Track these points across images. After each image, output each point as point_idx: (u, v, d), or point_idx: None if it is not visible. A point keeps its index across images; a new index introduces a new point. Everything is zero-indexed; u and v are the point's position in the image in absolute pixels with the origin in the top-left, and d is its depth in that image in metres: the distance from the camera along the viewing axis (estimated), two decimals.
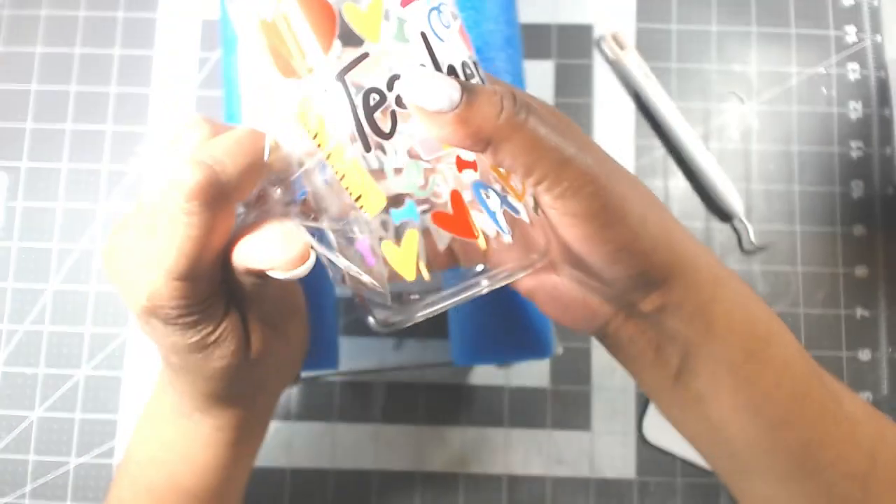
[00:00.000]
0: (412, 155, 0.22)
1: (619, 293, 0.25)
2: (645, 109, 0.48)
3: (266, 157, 0.22)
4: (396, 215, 0.22)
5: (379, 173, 0.22)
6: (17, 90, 0.49)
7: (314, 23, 0.22)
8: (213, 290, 0.23)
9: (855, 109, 0.48)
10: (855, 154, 0.48)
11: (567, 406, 0.45)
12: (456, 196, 0.22)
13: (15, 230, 0.47)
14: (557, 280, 0.26)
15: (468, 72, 0.23)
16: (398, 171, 0.22)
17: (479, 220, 0.23)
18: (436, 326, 0.45)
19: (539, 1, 0.50)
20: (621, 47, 0.48)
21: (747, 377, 0.25)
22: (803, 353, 0.26)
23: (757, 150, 0.48)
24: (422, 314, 0.23)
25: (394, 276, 0.23)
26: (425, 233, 0.23)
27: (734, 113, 0.48)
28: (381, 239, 0.23)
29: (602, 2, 0.50)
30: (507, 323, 0.36)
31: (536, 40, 0.49)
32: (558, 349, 0.39)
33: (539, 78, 0.49)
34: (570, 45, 0.49)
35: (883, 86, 0.48)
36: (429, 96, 0.20)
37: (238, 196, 0.22)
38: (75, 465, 0.45)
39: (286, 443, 0.45)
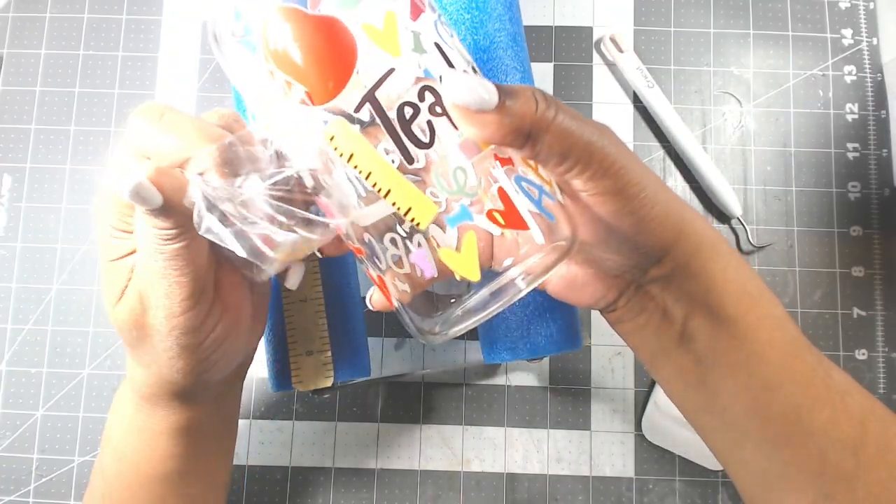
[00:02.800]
0: (454, 160, 0.23)
1: (638, 262, 0.27)
2: (643, 111, 0.49)
3: (199, 162, 0.23)
4: (452, 220, 0.22)
5: (421, 183, 0.22)
6: (22, 92, 0.49)
7: (336, 47, 0.22)
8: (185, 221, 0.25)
9: (851, 111, 0.49)
10: (851, 155, 0.48)
11: (566, 405, 0.46)
12: (503, 192, 0.23)
13: (19, 231, 0.48)
14: (570, 266, 0.28)
15: (478, 75, 0.23)
16: (444, 177, 0.22)
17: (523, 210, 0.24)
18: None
19: (539, 3, 0.50)
20: (620, 49, 0.48)
21: (742, 334, 0.26)
22: (791, 318, 0.28)
23: (754, 152, 0.48)
24: (466, 324, 0.24)
25: (417, 287, 0.24)
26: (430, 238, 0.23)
27: (732, 115, 0.49)
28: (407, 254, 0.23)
29: (601, 4, 0.50)
30: (535, 317, 0.37)
31: (536, 42, 0.49)
32: (587, 339, 0.39)
33: (539, 80, 0.49)
34: (569, 48, 0.50)
35: (879, 88, 0.49)
36: (473, 98, 0.21)
37: (153, 159, 0.24)
38: (79, 463, 0.45)
39: (287, 441, 0.45)
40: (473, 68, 0.24)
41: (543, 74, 0.49)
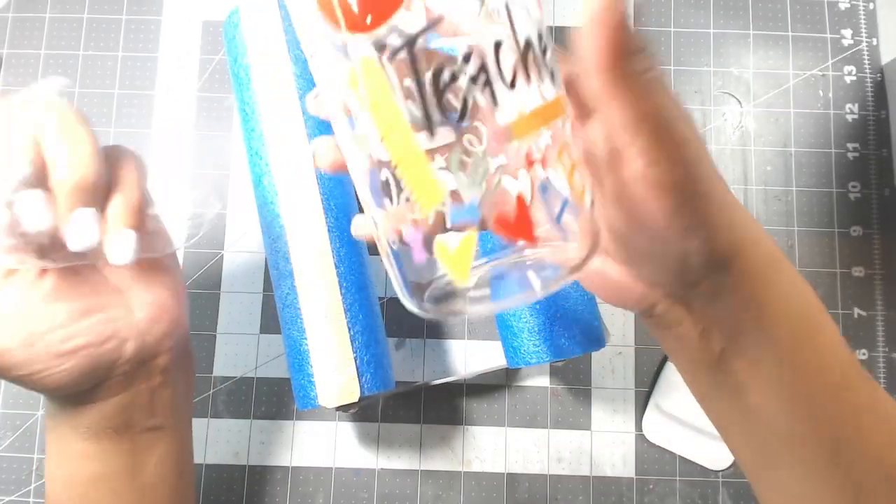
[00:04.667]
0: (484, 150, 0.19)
1: (681, 274, 0.23)
2: None
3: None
4: (455, 215, 0.19)
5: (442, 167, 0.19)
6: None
7: None
8: None
9: (851, 111, 0.49)
10: (851, 156, 0.48)
11: (567, 405, 0.46)
12: (520, 199, 0.20)
13: None
14: (606, 263, 0.26)
15: (544, 43, 0.21)
16: (463, 166, 0.19)
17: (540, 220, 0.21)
18: (483, 331, 0.45)
19: None
20: None
21: (793, 364, 0.24)
22: (846, 345, 0.25)
23: (754, 152, 0.48)
24: (477, 308, 0.21)
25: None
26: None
27: (732, 115, 0.49)
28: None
29: None
30: (557, 320, 0.36)
31: None
32: (609, 337, 0.39)
33: None
34: (569, 47, 0.49)
35: (879, 88, 0.49)
36: None
37: None
38: None
39: (287, 441, 0.45)
40: (543, 33, 0.22)
41: None
